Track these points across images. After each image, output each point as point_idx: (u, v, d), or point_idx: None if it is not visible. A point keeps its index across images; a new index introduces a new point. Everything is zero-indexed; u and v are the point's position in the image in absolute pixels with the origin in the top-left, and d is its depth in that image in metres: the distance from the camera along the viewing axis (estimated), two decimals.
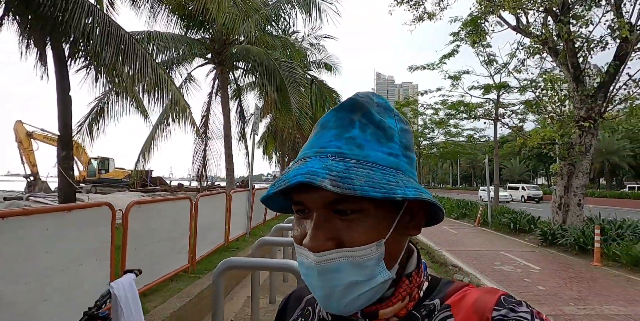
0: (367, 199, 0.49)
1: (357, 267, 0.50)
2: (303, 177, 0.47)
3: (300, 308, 0.66)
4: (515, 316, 0.47)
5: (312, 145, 0.55)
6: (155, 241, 4.22)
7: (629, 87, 9.93)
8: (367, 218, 0.51)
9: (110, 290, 1.91)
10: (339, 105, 0.56)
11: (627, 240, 7.95)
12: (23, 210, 2.49)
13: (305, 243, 0.51)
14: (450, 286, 0.57)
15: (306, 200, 0.52)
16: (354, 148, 0.52)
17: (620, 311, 4.75)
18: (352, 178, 0.48)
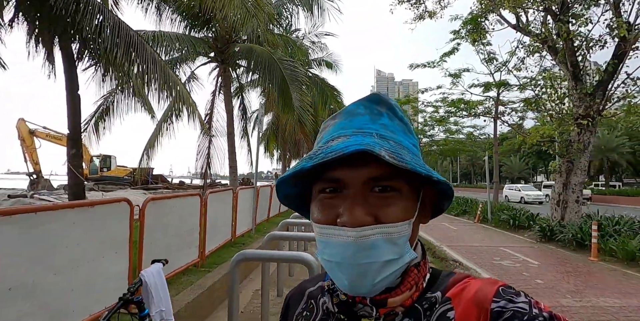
0: (403, 179, 0.52)
1: (391, 244, 0.51)
2: (361, 146, 0.47)
3: (303, 302, 0.67)
4: (513, 307, 0.48)
5: (344, 127, 0.56)
6: (168, 236, 4.40)
7: (627, 85, 10.09)
8: (401, 197, 0.53)
9: (141, 277, 2.08)
10: (364, 98, 0.58)
11: (623, 235, 8.14)
12: (53, 205, 2.66)
13: (343, 220, 0.50)
14: (451, 278, 0.57)
15: (346, 176, 0.52)
16: (389, 133, 0.55)
17: (615, 303, 4.93)
18: (402, 154, 0.50)
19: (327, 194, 0.54)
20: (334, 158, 0.48)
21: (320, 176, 0.54)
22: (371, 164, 0.51)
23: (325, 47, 19.64)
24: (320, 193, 0.55)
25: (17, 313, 2.38)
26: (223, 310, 4.60)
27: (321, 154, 0.50)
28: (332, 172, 0.53)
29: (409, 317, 0.54)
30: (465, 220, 15.87)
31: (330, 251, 0.52)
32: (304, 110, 12.09)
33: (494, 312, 0.48)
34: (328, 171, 0.53)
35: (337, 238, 0.51)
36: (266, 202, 10.66)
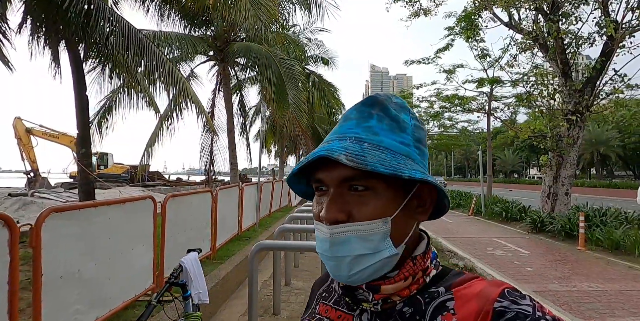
0: (379, 178, 0.55)
1: (363, 241, 0.55)
2: (323, 152, 0.54)
3: (326, 285, 0.73)
4: (517, 308, 0.48)
5: (334, 133, 0.61)
6: (185, 230, 4.71)
7: (615, 82, 10.48)
8: (377, 195, 0.56)
9: (181, 264, 2.40)
10: (361, 101, 0.62)
11: (609, 226, 8.58)
12: (93, 202, 2.96)
13: (322, 215, 0.56)
14: (459, 277, 0.59)
15: (324, 177, 0.58)
16: (370, 134, 0.58)
17: (598, 288, 5.34)
18: (366, 156, 0.53)
19: (318, 192, 0.60)
20: (305, 164, 0.57)
21: (312, 177, 0.61)
22: (343, 166, 0.54)
23: (321, 44, 19.89)
24: (315, 190, 0.61)
25: (67, 299, 2.69)
26: (237, 299, 4.94)
27: (303, 160, 0.58)
28: (317, 173, 0.59)
29: (410, 306, 0.57)
30: (460, 212, 16.32)
31: (318, 243, 0.59)
32: (299, 107, 12.35)
33: (496, 311, 0.49)
34: (315, 173, 0.59)
35: (320, 233, 0.58)
36: (268, 198, 10.99)
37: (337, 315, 0.64)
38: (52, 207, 2.56)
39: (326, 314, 0.66)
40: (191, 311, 2.29)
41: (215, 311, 4.35)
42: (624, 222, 8.92)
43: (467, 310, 0.52)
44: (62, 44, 7.17)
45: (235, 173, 12.87)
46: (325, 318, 0.66)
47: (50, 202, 12.47)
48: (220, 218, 6.03)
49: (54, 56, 7.75)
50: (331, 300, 0.68)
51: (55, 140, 21.78)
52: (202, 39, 12.32)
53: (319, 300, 0.70)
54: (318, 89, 16.93)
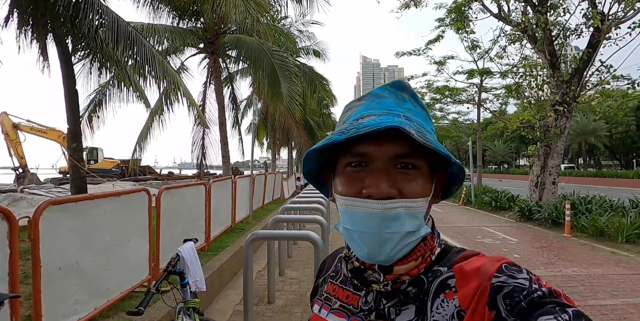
0: (424, 158, 0.56)
1: (412, 217, 0.55)
2: (393, 123, 0.50)
3: (334, 265, 0.73)
4: (514, 282, 0.49)
5: (373, 108, 0.59)
6: (180, 222, 4.77)
7: (601, 73, 10.67)
8: (421, 175, 0.57)
9: (178, 253, 2.47)
10: (389, 84, 0.62)
11: (594, 213, 8.82)
12: (89, 195, 3.00)
13: (370, 191, 0.54)
14: (461, 254, 0.60)
15: (373, 151, 0.56)
16: (412, 117, 0.58)
17: (581, 273, 5.54)
18: (425, 134, 0.54)
19: (353, 168, 0.57)
20: (367, 133, 0.51)
21: (348, 150, 0.58)
22: (397, 142, 0.54)
23: (312, 36, 19.81)
24: (346, 166, 0.58)
25: (66, 290, 2.75)
26: (232, 289, 5.04)
27: (353, 129, 0.53)
28: (361, 146, 0.56)
29: (413, 286, 0.58)
30: (451, 202, 16.56)
31: (354, 221, 0.56)
32: (293, 99, 12.36)
33: (494, 286, 0.50)
34: (356, 146, 0.56)
35: (363, 209, 0.54)
36: (261, 190, 11.05)
37: (345, 295, 0.65)
38: (50, 199, 2.61)
39: (334, 293, 0.67)
40: (189, 298, 2.37)
41: (211, 300, 4.44)
42: (609, 210, 9.18)
43: (467, 287, 0.53)
44: (50, 38, 7.09)
45: (228, 166, 12.87)
46: (333, 297, 0.67)
47: (40, 197, 12.35)
48: (214, 211, 6.10)
49: (41, 50, 7.64)
50: (338, 279, 0.69)
51: (43, 135, 21.51)
52: (192, 32, 12.20)
53: (327, 279, 0.71)
54: (309, 82, 16.93)
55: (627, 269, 5.71)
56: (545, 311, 0.45)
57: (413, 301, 0.57)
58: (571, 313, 0.44)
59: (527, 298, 0.47)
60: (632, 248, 7.02)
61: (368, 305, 0.61)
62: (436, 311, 0.54)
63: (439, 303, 0.55)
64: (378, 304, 0.60)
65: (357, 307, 0.62)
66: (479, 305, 0.50)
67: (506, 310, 0.48)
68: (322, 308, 0.68)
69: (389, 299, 0.59)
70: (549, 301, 0.47)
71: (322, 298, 0.69)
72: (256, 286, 5.26)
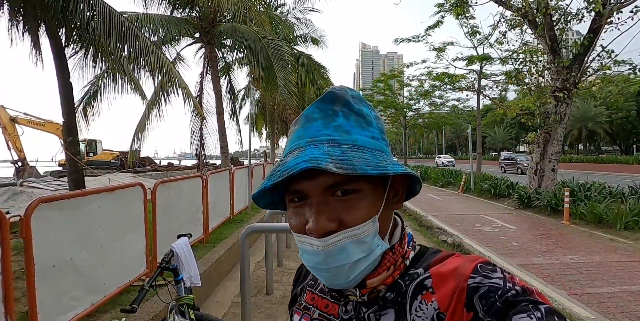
0: (363, 179, 0.54)
1: (359, 244, 0.54)
2: (307, 163, 0.50)
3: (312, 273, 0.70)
4: (489, 283, 0.50)
5: (300, 137, 0.58)
6: (178, 215, 4.77)
7: (602, 58, 10.52)
8: (363, 197, 0.55)
9: (172, 249, 2.46)
10: (319, 99, 0.59)
11: (593, 200, 8.82)
12: (82, 191, 2.98)
13: (310, 228, 0.53)
14: (436, 255, 0.60)
15: (306, 187, 0.55)
16: (342, 134, 0.56)
17: (579, 260, 5.56)
18: (351, 159, 0.52)
19: (295, 204, 0.57)
20: (286, 177, 0.51)
21: (286, 188, 0.58)
22: (326, 174, 0.52)
23: (310, 23, 19.48)
24: (290, 202, 0.58)
25: (61, 286, 2.75)
26: (230, 281, 5.07)
27: (278, 172, 0.53)
28: (294, 184, 0.56)
29: (392, 291, 0.58)
30: (450, 190, 16.58)
31: (306, 256, 0.57)
32: (288, 89, 12.24)
33: (470, 287, 0.51)
34: (291, 184, 0.56)
35: (309, 247, 0.55)
36: (259, 181, 11.04)
37: (324, 304, 0.65)
38: (41, 197, 2.58)
39: (313, 302, 0.67)
40: (184, 294, 2.36)
41: (209, 293, 4.46)
42: (607, 196, 9.18)
43: (445, 289, 0.54)
44: (43, 30, 6.98)
45: (226, 156, 12.85)
46: (312, 306, 0.67)
47: (39, 191, 12.38)
48: (212, 203, 6.09)
49: (34, 42, 7.52)
50: (317, 288, 0.69)
51: (41, 128, 21.45)
52: (187, 21, 12.02)
53: (305, 288, 0.71)
54: (307, 70, 16.76)
55: (626, 256, 5.73)
56: (518, 310, 0.46)
57: (392, 306, 0.58)
58: (543, 310, 0.46)
59: (502, 297, 0.49)
60: (631, 235, 7.03)
61: (348, 314, 0.61)
62: (415, 313, 0.55)
63: (417, 304, 0.55)
64: (358, 312, 0.60)
65: (337, 316, 0.62)
66: (457, 307, 0.51)
67: (483, 311, 0.49)
68: (302, 318, 0.68)
69: (368, 307, 0.60)
70: (522, 299, 0.48)
71: (301, 308, 0.69)
72: (255, 277, 5.30)
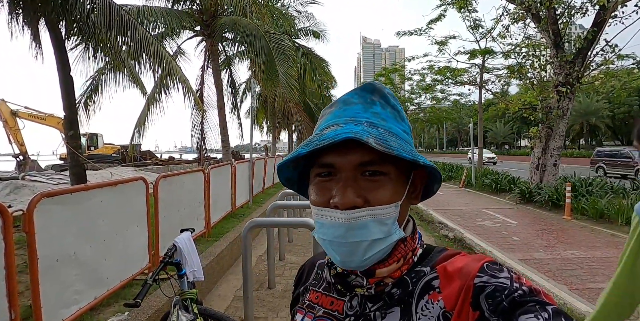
0: (392, 164, 0.56)
1: (379, 224, 0.55)
2: (349, 134, 0.51)
3: (314, 272, 0.73)
4: (495, 282, 0.51)
5: (338, 116, 0.60)
6: (180, 210, 4.77)
7: (606, 52, 10.43)
8: (390, 181, 0.56)
9: (174, 243, 2.46)
10: (359, 87, 0.62)
11: (595, 195, 8.81)
12: (84, 186, 2.98)
13: (336, 201, 0.55)
14: (443, 253, 0.61)
15: (338, 161, 0.56)
16: (379, 120, 0.58)
17: (580, 255, 5.57)
18: (388, 141, 0.54)
19: (322, 178, 0.58)
20: (326, 145, 0.53)
21: (316, 161, 0.59)
22: (361, 150, 0.54)
23: (311, 16, 19.36)
24: (316, 177, 0.59)
25: (65, 280, 2.76)
26: (233, 274, 5.09)
27: (315, 141, 0.54)
28: (326, 157, 0.57)
29: (398, 287, 0.59)
30: (451, 185, 16.58)
31: (324, 230, 0.57)
32: (289, 83, 12.19)
33: (477, 287, 0.51)
34: (322, 157, 0.57)
35: (330, 220, 0.55)
36: (261, 175, 11.05)
37: (329, 301, 0.65)
38: (43, 191, 2.57)
39: (317, 300, 0.67)
40: (187, 288, 2.37)
41: (212, 286, 4.49)
42: (609, 192, 9.17)
43: (451, 288, 0.54)
44: (43, 23, 6.92)
45: (228, 150, 12.85)
46: (317, 304, 0.66)
47: (41, 184, 12.39)
48: (213, 197, 6.10)
49: (33, 35, 7.47)
50: (321, 286, 0.68)
51: (42, 122, 21.43)
52: (188, 14, 11.94)
53: (309, 288, 0.71)
54: (308, 64, 16.68)
55: None
56: (525, 310, 0.47)
57: (398, 304, 0.57)
58: (551, 311, 0.46)
59: (509, 297, 0.49)
60: None
61: (353, 310, 0.61)
62: (421, 312, 0.55)
63: (423, 304, 0.56)
64: (364, 308, 0.60)
65: (342, 313, 0.62)
66: (463, 306, 0.51)
67: (489, 310, 0.49)
68: (306, 316, 0.67)
69: (374, 302, 0.59)
70: (530, 300, 0.48)
71: (304, 307, 0.68)
72: (257, 271, 5.31)
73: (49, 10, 6.19)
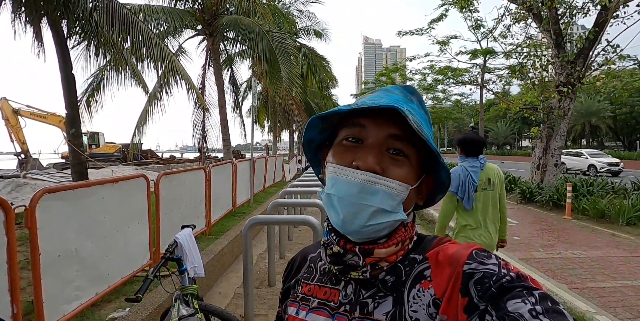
0: (416, 150, 0.59)
1: (389, 197, 0.56)
2: (392, 104, 0.55)
3: (305, 266, 0.73)
4: (484, 269, 0.52)
5: (381, 98, 0.62)
6: (181, 207, 4.78)
7: (608, 52, 10.42)
8: (409, 163, 0.59)
9: (175, 240, 2.47)
10: (401, 85, 0.67)
11: (595, 195, 8.80)
12: (86, 182, 2.99)
13: (358, 163, 0.57)
14: (434, 241, 0.63)
15: (371, 124, 0.59)
16: (415, 115, 0.60)
17: (580, 255, 5.57)
18: (421, 125, 0.57)
19: (349, 142, 0.60)
20: (370, 107, 0.56)
21: (350, 121, 0.61)
22: (394, 125, 0.58)
23: (313, 15, 19.36)
24: (343, 139, 0.61)
25: (66, 276, 2.77)
26: (232, 272, 5.10)
27: (360, 103, 0.57)
28: (361, 119, 0.60)
29: (391, 275, 0.60)
30: None
31: (337, 187, 0.58)
32: (292, 82, 12.18)
33: (465, 274, 0.52)
34: (357, 118, 0.60)
35: (347, 178, 0.57)
36: (262, 174, 11.06)
37: (322, 292, 0.65)
38: (45, 188, 2.59)
39: (310, 292, 0.67)
40: (187, 284, 2.38)
41: (212, 284, 4.50)
42: (610, 192, 9.16)
43: (441, 275, 0.55)
44: (45, 22, 6.94)
45: (229, 149, 12.85)
46: (310, 296, 0.66)
47: (43, 183, 12.42)
48: (214, 195, 6.11)
49: (36, 34, 7.49)
50: (313, 279, 0.69)
51: (44, 120, 21.46)
52: (190, 12, 11.94)
53: (301, 281, 0.71)
54: (309, 63, 16.67)
55: (627, 251, 5.73)
56: (513, 295, 0.48)
57: (391, 293, 0.59)
58: (537, 296, 0.47)
59: (497, 283, 0.50)
60: (633, 230, 7.03)
61: (348, 298, 0.61)
62: (413, 300, 0.56)
63: (415, 292, 0.57)
64: (358, 296, 0.61)
65: (337, 302, 0.62)
66: (453, 293, 0.53)
67: (477, 296, 0.50)
68: (300, 309, 0.66)
69: (367, 289, 0.60)
70: (517, 285, 0.49)
71: (297, 300, 0.68)
72: (257, 269, 5.33)
73: (52, 9, 6.21)
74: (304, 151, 0.73)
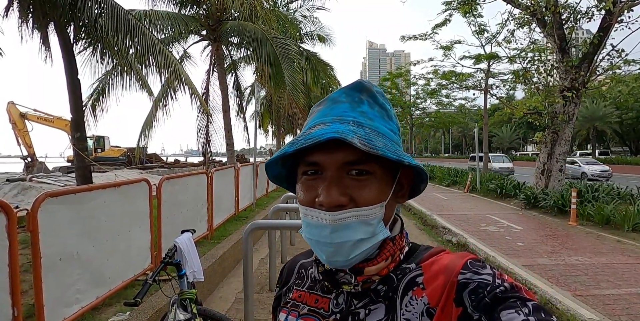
0: (378, 163, 0.57)
1: (364, 225, 0.55)
2: (335, 134, 0.52)
3: (296, 271, 0.73)
4: (478, 279, 0.52)
5: (326, 115, 0.60)
6: (183, 211, 4.80)
7: (612, 57, 10.38)
8: (375, 180, 0.57)
9: (175, 244, 2.48)
10: (347, 86, 0.62)
11: (601, 201, 8.72)
12: (88, 186, 3.01)
13: (321, 200, 0.55)
14: (428, 251, 0.62)
15: (323, 160, 0.56)
16: (367, 120, 0.58)
17: (585, 262, 5.51)
18: (374, 140, 0.54)
19: (309, 176, 0.58)
20: (311, 144, 0.53)
21: (303, 159, 0.59)
22: (346, 150, 0.55)
23: (317, 21, 19.49)
24: (303, 175, 0.59)
25: (67, 279, 2.79)
26: (234, 277, 5.09)
27: (302, 140, 0.54)
28: (312, 156, 0.57)
29: (383, 284, 0.59)
30: (456, 190, 16.50)
31: (310, 230, 0.57)
32: (296, 87, 12.23)
33: (460, 283, 0.52)
34: (309, 155, 0.57)
35: (317, 220, 0.56)
36: (265, 178, 11.07)
37: (313, 299, 0.65)
38: (48, 191, 2.61)
39: (301, 299, 0.67)
40: (186, 288, 2.38)
41: (213, 288, 4.50)
42: (616, 198, 9.08)
43: (435, 284, 0.55)
44: (52, 27, 7.05)
45: (232, 154, 12.88)
46: (301, 303, 0.66)
47: (48, 186, 12.52)
48: (217, 199, 6.12)
49: (43, 39, 7.60)
50: (304, 285, 0.68)
51: (50, 124, 21.66)
52: (194, 18, 12.05)
53: (292, 287, 0.71)
54: (312, 68, 16.74)
55: (633, 258, 5.67)
56: (507, 306, 0.48)
57: (383, 300, 0.58)
58: (531, 307, 0.47)
59: (491, 293, 0.50)
60: (639, 236, 6.95)
61: (339, 307, 0.61)
62: (405, 308, 0.56)
63: (407, 300, 0.56)
64: (349, 305, 0.60)
65: (327, 310, 0.62)
66: (447, 302, 0.52)
67: (472, 306, 0.50)
68: (289, 315, 0.66)
69: (359, 299, 0.60)
70: (511, 295, 0.49)
71: (288, 306, 0.68)
72: (258, 274, 5.32)
73: (58, 15, 6.31)
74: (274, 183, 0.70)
